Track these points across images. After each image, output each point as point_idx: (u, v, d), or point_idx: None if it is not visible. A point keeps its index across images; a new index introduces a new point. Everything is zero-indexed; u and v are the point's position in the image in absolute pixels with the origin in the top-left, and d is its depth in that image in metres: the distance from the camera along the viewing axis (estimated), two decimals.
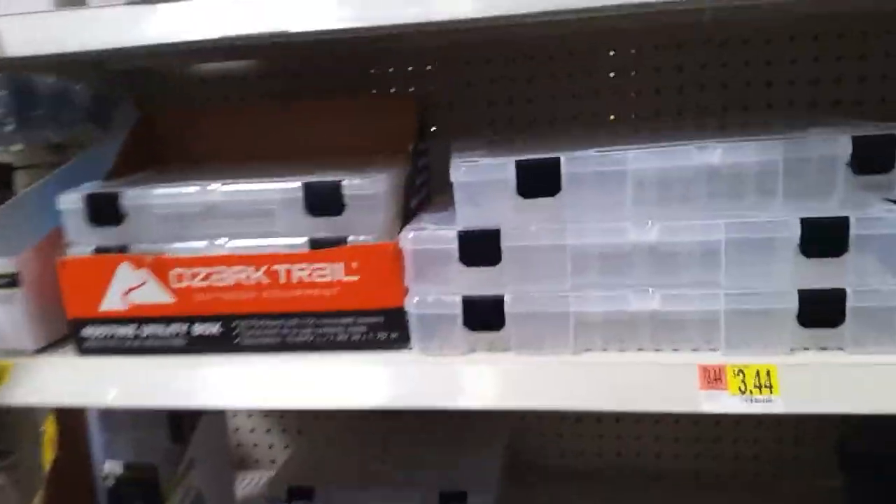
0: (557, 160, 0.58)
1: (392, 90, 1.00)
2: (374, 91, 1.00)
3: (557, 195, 0.59)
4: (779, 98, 0.91)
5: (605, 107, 0.96)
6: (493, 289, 0.60)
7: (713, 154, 0.57)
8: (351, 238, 0.64)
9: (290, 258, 0.65)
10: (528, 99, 0.97)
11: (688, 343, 0.60)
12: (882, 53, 0.88)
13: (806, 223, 0.55)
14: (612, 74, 0.95)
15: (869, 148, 0.55)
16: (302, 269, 0.65)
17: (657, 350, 0.61)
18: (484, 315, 0.61)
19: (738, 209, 0.58)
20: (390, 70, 1.00)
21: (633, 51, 0.94)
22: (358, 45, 0.94)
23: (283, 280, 0.65)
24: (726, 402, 0.57)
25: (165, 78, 1.06)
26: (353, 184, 0.64)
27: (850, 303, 0.56)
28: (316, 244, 0.65)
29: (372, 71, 1.00)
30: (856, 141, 0.55)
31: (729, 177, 0.57)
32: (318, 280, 0.65)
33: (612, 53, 0.94)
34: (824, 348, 0.58)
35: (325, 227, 0.65)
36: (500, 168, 0.59)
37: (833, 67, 0.89)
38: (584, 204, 0.59)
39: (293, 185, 0.65)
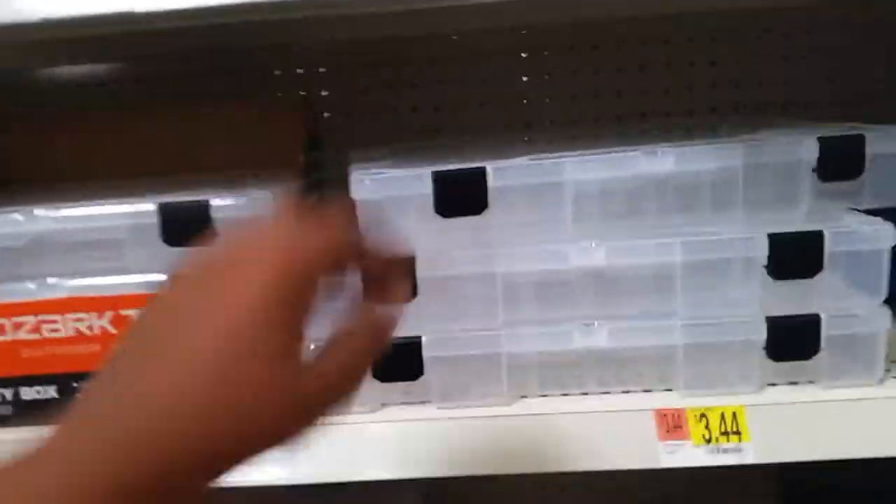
0: (483, 171, 0.47)
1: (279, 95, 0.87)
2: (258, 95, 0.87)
3: (484, 213, 0.48)
4: (700, 101, 0.85)
5: (525, 114, 0.86)
6: (408, 329, 0.49)
7: (664, 161, 0.48)
8: None
9: (144, 300, 0.51)
10: (436, 105, 0.86)
11: (640, 383, 0.51)
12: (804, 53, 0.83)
13: (774, 240, 0.47)
14: (525, 78, 0.86)
15: (837, 151, 0.48)
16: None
17: (605, 393, 0.51)
18: (397, 361, 0.49)
19: (693, 224, 0.49)
20: (276, 73, 0.87)
21: (552, 52, 0.85)
22: (242, 42, 0.81)
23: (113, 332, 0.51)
24: (689, 454, 0.48)
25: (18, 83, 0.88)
26: (223, 204, 0.51)
27: (825, 330, 0.48)
28: None
29: (257, 74, 0.86)
30: (823, 143, 0.47)
31: (682, 187, 0.48)
32: None
33: (525, 55, 0.85)
34: (794, 383, 0.50)
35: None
36: (414, 181, 0.47)
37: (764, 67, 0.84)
38: (515, 223, 0.49)
39: (146, 208, 0.51)
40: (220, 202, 0.51)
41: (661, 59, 0.84)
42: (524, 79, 0.85)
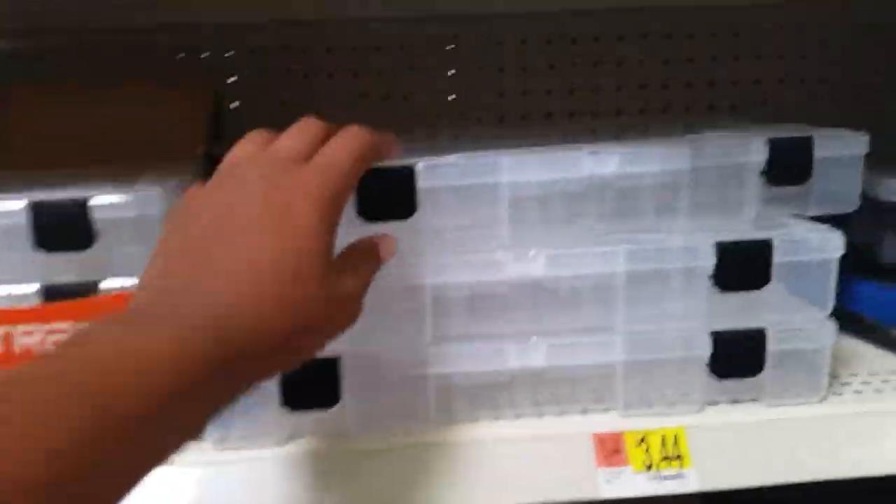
0: (411, 170, 0.42)
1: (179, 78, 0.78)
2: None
3: (412, 218, 0.43)
4: (634, 101, 0.82)
5: (454, 108, 0.81)
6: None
7: (608, 162, 0.43)
8: (105, 283, 0.44)
9: (12, 316, 0.43)
10: (359, 94, 0.80)
11: (576, 403, 0.47)
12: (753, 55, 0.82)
13: (722, 249, 0.44)
14: (453, 72, 0.81)
15: (787, 153, 0.45)
16: (30, 334, 0.43)
17: (540, 416, 0.47)
18: (310, 386, 0.44)
19: (636, 230, 0.45)
20: (180, 56, 0.78)
21: (481, 44, 0.80)
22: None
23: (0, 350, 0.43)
24: (630, 482, 0.44)
25: None
26: (106, 203, 0.43)
27: (771, 346, 0.45)
28: (52, 293, 0.44)
29: (155, 56, 0.78)
30: (773, 145, 0.44)
31: (626, 190, 0.44)
32: None
33: (452, 47, 0.80)
34: (736, 401, 0.47)
35: (65, 267, 0.44)
36: None
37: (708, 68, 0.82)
38: (446, 228, 0.44)
39: (14, 206, 0.43)
40: (101, 201, 0.43)
41: (604, 57, 0.81)
42: (451, 72, 0.80)
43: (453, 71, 0.81)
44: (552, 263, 0.43)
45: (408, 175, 0.42)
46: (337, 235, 0.36)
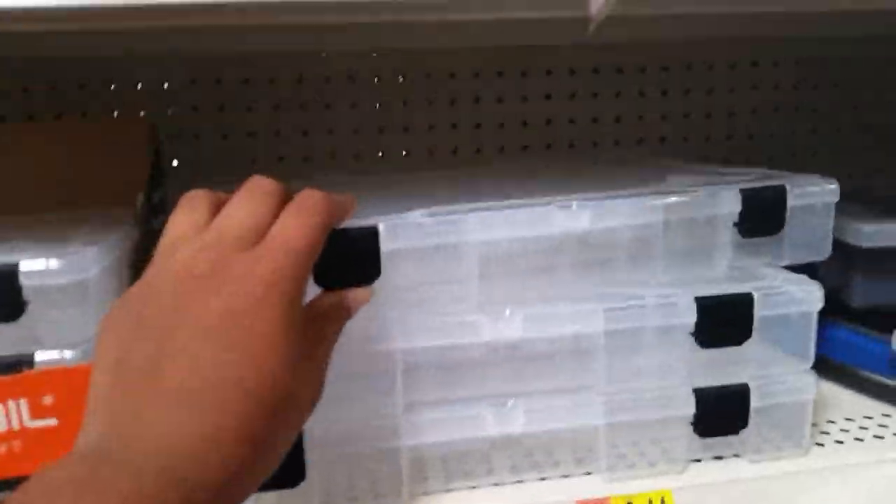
0: (375, 231, 0.39)
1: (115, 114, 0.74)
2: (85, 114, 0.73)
3: (376, 281, 0.39)
4: (581, 135, 0.81)
5: (402, 142, 0.78)
6: None
7: (579, 217, 0.41)
8: (40, 356, 0.39)
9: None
10: (303, 130, 0.77)
11: (557, 468, 0.44)
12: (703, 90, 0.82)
13: (702, 305, 0.42)
14: (403, 103, 0.78)
15: (760, 204, 0.44)
16: None
17: (518, 482, 0.44)
18: None
19: (609, 284, 0.43)
20: (112, 87, 0.73)
21: (431, 78, 0.78)
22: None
23: None
24: None
25: None
26: (36, 269, 0.39)
27: (754, 401, 0.44)
28: None
29: (87, 88, 0.72)
30: (746, 196, 0.43)
31: (598, 245, 0.42)
32: None
33: (402, 79, 0.78)
34: (719, 457, 0.46)
35: None
36: None
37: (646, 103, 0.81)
38: (412, 290, 0.41)
39: None
40: (30, 267, 0.39)
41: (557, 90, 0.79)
42: (401, 105, 0.78)
43: (402, 104, 0.79)
44: (529, 324, 0.41)
45: (371, 237, 0.39)
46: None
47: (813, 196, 0.45)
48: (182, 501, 0.25)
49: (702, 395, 0.43)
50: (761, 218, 0.44)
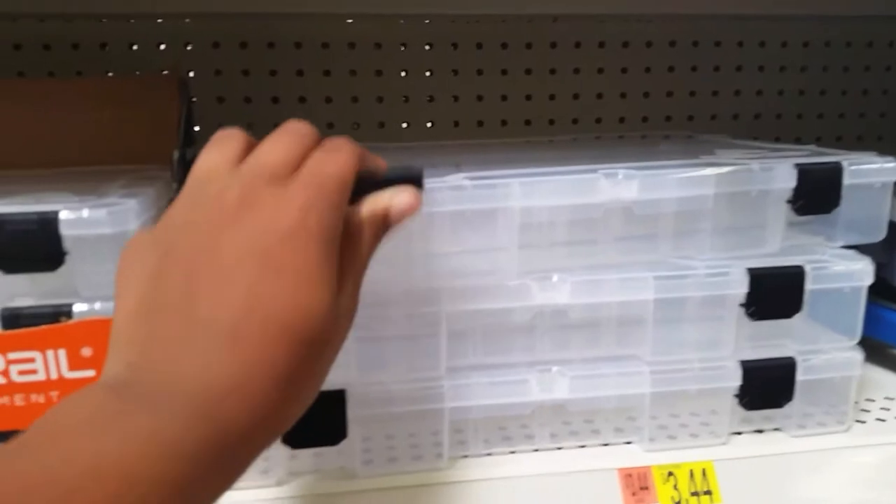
0: (419, 172, 0.37)
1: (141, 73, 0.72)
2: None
3: (414, 240, 0.38)
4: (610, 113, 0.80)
5: (429, 112, 0.77)
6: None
7: (628, 187, 0.40)
8: (79, 307, 0.39)
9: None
10: (327, 97, 0.75)
11: (596, 436, 0.44)
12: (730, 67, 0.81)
13: (754, 275, 0.41)
14: (428, 73, 0.77)
15: (816, 181, 0.43)
16: None
17: (558, 448, 0.43)
18: (314, 421, 0.39)
19: (654, 257, 0.42)
20: (134, 48, 0.72)
21: (458, 47, 0.77)
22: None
23: None
24: None
25: None
26: (77, 217, 0.38)
27: (799, 376, 0.43)
28: (14, 320, 0.38)
29: (109, 48, 0.71)
30: (802, 172, 0.42)
31: (643, 218, 0.41)
32: (23, 380, 0.38)
33: (428, 48, 0.76)
34: (759, 431, 0.45)
35: (30, 289, 0.39)
36: None
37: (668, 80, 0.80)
38: (452, 254, 0.40)
39: None
40: (71, 215, 0.38)
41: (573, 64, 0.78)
42: (427, 73, 0.77)
43: (429, 73, 0.77)
44: (577, 290, 0.40)
45: (416, 179, 0.38)
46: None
47: (870, 175, 0.43)
48: (209, 439, 0.24)
49: (748, 368, 0.42)
50: (816, 195, 0.43)
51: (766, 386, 0.43)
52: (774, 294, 0.42)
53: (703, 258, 0.42)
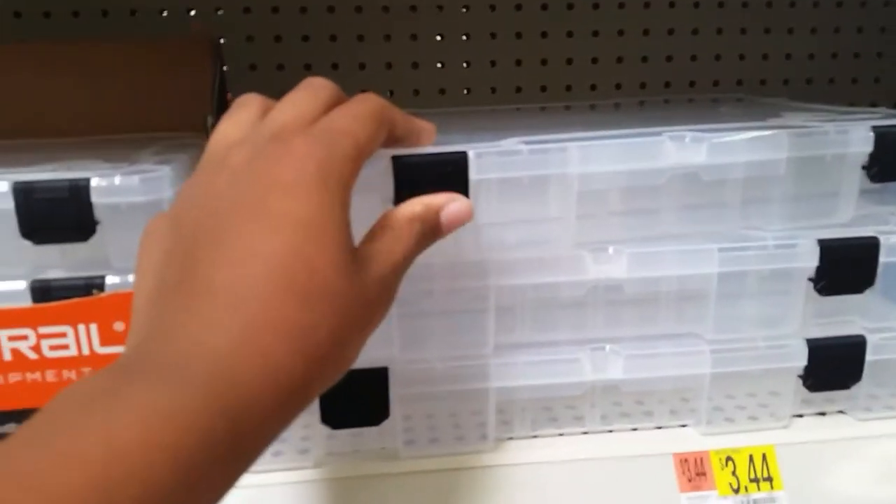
0: (464, 157, 0.35)
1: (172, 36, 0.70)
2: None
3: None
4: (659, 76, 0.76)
5: (464, 78, 0.74)
6: (369, 357, 0.37)
7: (696, 151, 0.37)
8: (111, 279, 0.37)
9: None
10: (359, 63, 0.73)
11: (648, 419, 0.42)
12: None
13: (825, 247, 0.38)
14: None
15: (894, 144, 0.39)
16: (20, 339, 0.36)
17: (608, 431, 0.41)
18: (355, 401, 0.37)
19: (718, 225, 0.40)
20: (164, 14, 0.70)
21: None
22: None
23: None
24: None
25: None
26: (109, 185, 0.36)
27: (868, 355, 0.40)
28: (45, 293, 0.37)
29: (138, 13, 0.69)
30: (879, 135, 0.39)
31: (711, 184, 0.39)
32: (54, 355, 0.37)
33: (465, 11, 0.73)
34: (822, 413, 0.43)
35: (60, 260, 0.37)
36: (371, 167, 0.34)
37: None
38: (503, 224, 0.37)
39: None
40: (103, 180, 0.36)
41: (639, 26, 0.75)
42: (464, 38, 0.74)
43: (464, 37, 0.74)
44: (635, 263, 0.38)
45: (459, 163, 0.35)
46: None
47: None
48: (220, 408, 0.22)
49: (815, 347, 0.40)
50: (893, 160, 0.40)
51: (834, 366, 0.40)
52: (846, 267, 0.39)
53: (772, 228, 0.39)
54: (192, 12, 0.71)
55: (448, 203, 0.32)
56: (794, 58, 0.78)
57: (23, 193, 0.35)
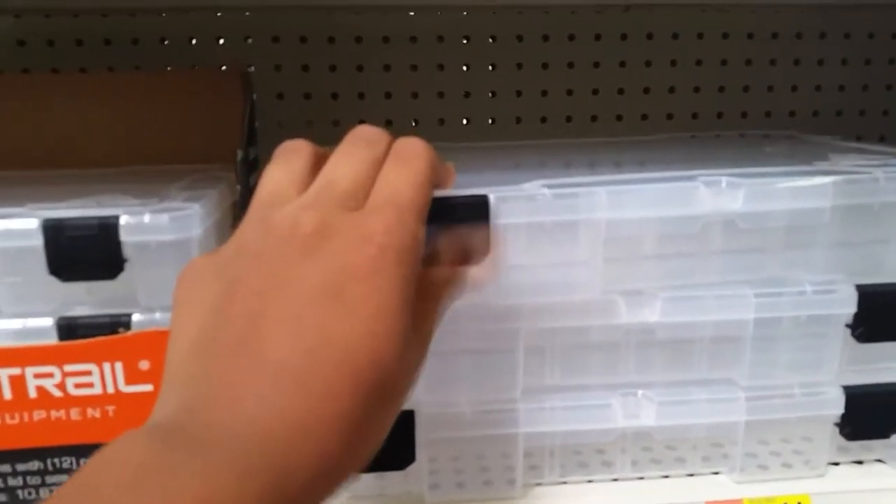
0: (485, 201, 0.34)
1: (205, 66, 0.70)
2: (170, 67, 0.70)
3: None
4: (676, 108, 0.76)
5: (481, 109, 0.74)
6: None
7: (732, 197, 0.36)
8: (137, 317, 0.37)
9: (23, 356, 0.36)
10: (387, 92, 0.73)
11: (681, 465, 0.40)
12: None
13: (864, 293, 0.37)
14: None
15: None
16: (46, 376, 0.36)
17: (639, 478, 0.40)
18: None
19: (757, 273, 0.38)
20: (193, 42, 0.71)
21: (526, 39, 0.73)
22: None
23: (7, 396, 0.36)
24: None
25: None
26: (138, 223, 0.36)
27: None
28: (71, 330, 0.36)
29: (165, 42, 0.70)
30: None
31: (748, 232, 0.37)
32: (79, 394, 0.36)
33: (492, 41, 0.73)
34: (859, 462, 0.42)
35: (87, 297, 0.37)
36: None
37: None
38: (533, 264, 0.37)
39: (25, 226, 0.36)
40: (131, 221, 0.36)
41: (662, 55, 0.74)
42: (490, 68, 0.74)
43: (490, 68, 0.74)
44: (669, 307, 0.37)
45: (480, 208, 0.34)
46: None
47: None
48: (267, 495, 0.21)
49: (852, 394, 0.39)
50: None
51: (872, 414, 0.39)
52: (885, 313, 0.38)
53: (815, 279, 0.38)
54: (222, 41, 0.71)
55: (475, 271, 0.32)
56: (823, 89, 0.77)
57: (52, 230, 0.35)
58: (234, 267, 0.26)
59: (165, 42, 0.70)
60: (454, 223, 0.33)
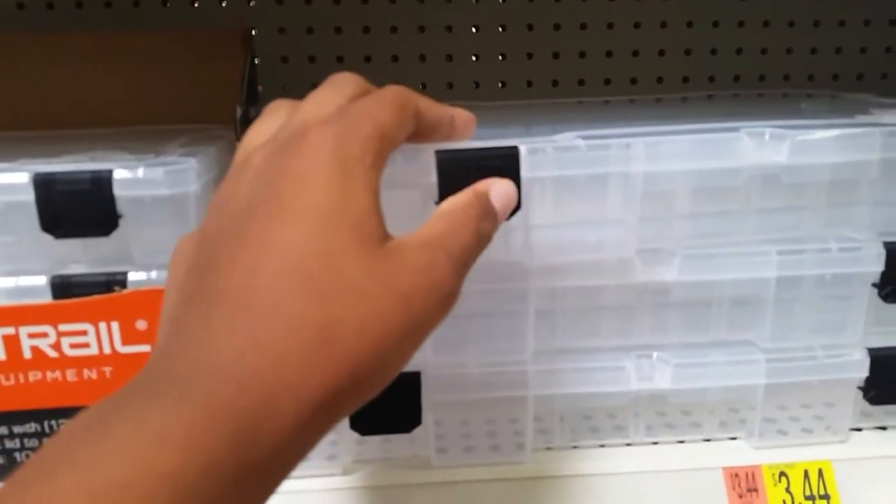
0: (515, 152, 0.33)
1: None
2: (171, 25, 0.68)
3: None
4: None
5: (513, 71, 0.72)
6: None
7: (777, 149, 0.34)
8: (134, 275, 0.36)
9: (17, 315, 0.35)
10: (392, 56, 0.71)
11: (696, 430, 0.39)
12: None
13: (892, 252, 0.36)
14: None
15: None
16: (40, 336, 0.35)
17: (654, 443, 0.39)
18: (386, 406, 0.36)
19: (798, 231, 0.36)
20: (195, 4, 0.69)
21: None
22: None
23: (1, 357, 0.35)
24: None
25: None
26: (132, 177, 0.35)
27: None
28: (65, 288, 0.35)
29: (167, 5, 0.68)
30: None
31: (791, 187, 0.35)
32: (74, 354, 0.35)
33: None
34: (882, 427, 0.40)
35: (82, 254, 0.36)
36: (413, 162, 0.32)
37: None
38: (552, 224, 0.35)
39: (15, 180, 0.34)
40: (126, 175, 0.35)
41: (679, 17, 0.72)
42: (500, 29, 0.71)
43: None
44: (686, 265, 0.35)
45: (510, 159, 0.33)
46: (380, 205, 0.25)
47: None
48: (236, 435, 0.19)
49: (877, 357, 0.37)
50: None
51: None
52: None
53: (860, 237, 0.36)
54: (224, 3, 0.69)
55: (492, 186, 0.29)
56: (844, 52, 0.74)
57: (43, 185, 0.34)
58: (206, 225, 0.26)
59: (167, 5, 0.69)
60: (480, 176, 0.31)
